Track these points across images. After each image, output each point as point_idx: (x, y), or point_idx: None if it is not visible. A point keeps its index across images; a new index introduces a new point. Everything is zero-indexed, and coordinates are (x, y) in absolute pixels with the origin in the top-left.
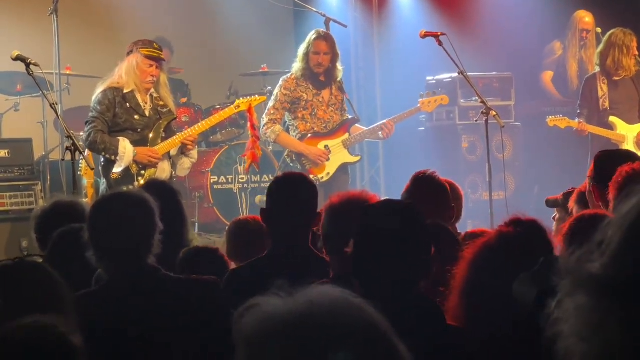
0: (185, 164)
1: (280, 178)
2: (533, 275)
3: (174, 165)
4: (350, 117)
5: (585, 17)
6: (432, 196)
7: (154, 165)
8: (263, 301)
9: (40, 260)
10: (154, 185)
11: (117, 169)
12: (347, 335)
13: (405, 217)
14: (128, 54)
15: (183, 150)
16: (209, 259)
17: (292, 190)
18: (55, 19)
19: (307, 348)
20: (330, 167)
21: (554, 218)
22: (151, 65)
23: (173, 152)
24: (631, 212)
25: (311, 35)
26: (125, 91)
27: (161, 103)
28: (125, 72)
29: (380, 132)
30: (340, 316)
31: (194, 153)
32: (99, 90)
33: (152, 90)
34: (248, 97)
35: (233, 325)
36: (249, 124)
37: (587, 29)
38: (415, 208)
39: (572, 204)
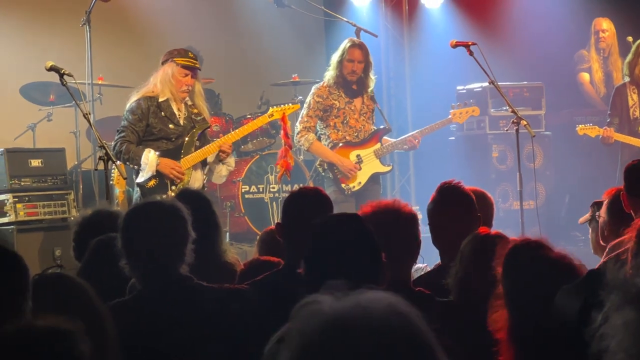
0: (222, 172)
1: (295, 192)
2: (577, 287)
3: (210, 173)
4: (381, 126)
5: (602, 22)
6: (457, 206)
7: (179, 179)
8: (320, 298)
9: (59, 271)
10: (188, 195)
11: (140, 179)
12: (393, 342)
13: (350, 227)
14: (163, 63)
15: (220, 158)
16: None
17: (306, 204)
18: (87, 29)
19: (353, 348)
20: (362, 177)
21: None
22: (186, 75)
23: (210, 159)
24: None
25: (346, 43)
26: (160, 100)
27: (195, 111)
28: (160, 81)
29: (405, 145)
30: (388, 321)
31: (231, 160)
32: (133, 98)
33: (187, 98)
34: (282, 106)
35: (290, 318)
36: (282, 132)
37: (603, 29)
38: (359, 217)
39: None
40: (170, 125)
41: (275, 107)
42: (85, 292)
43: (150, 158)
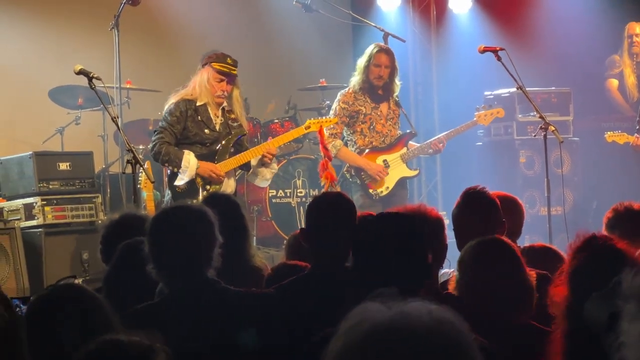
0: (267, 175)
1: (318, 197)
2: (605, 295)
3: (253, 176)
4: (407, 131)
5: (635, 25)
6: (482, 211)
7: (217, 181)
8: (369, 306)
9: (76, 281)
10: (217, 198)
11: (178, 182)
12: (437, 352)
13: (399, 225)
14: (203, 66)
15: (263, 162)
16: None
17: (330, 209)
18: (116, 33)
19: (396, 357)
20: (390, 182)
21: None
22: (222, 80)
23: (254, 162)
24: None
25: (372, 48)
26: (198, 104)
27: (233, 117)
28: (198, 85)
29: (429, 150)
30: (433, 332)
31: (274, 164)
32: (172, 100)
33: (225, 104)
34: (319, 118)
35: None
36: (320, 146)
37: (636, 33)
38: (410, 217)
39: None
40: (206, 130)
41: (312, 119)
42: (99, 303)
43: (191, 162)
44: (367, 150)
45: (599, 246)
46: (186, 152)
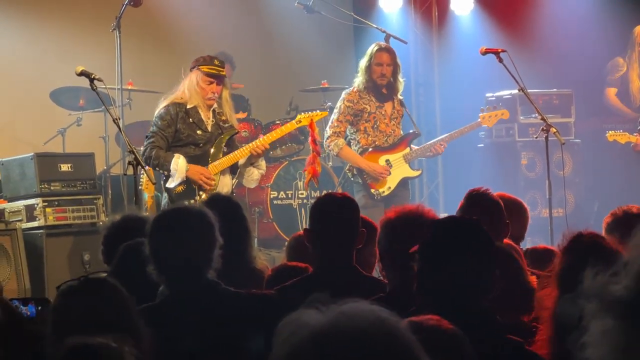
0: (254, 175)
1: (322, 198)
2: (575, 296)
3: (241, 176)
4: (411, 131)
5: None
6: (485, 213)
7: (207, 184)
8: (303, 312)
9: (104, 275)
10: (219, 200)
11: (169, 185)
12: (376, 353)
13: (471, 232)
14: (191, 70)
15: (251, 161)
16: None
17: (334, 210)
18: (117, 35)
19: (341, 358)
20: (392, 182)
21: None
22: (211, 83)
23: (241, 162)
24: None
25: (372, 48)
26: (188, 106)
27: (223, 118)
28: (187, 89)
29: (429, 152)
30: (368, 333)
31: (262, 164)
32: (161, 105)
33: (215, 105)
34: (310, 112)
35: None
36: (310, 139)
37: None
38: (481, 224)
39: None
40: (198, 132)
41: (303, 113)
42: (124, 297)
43: (179, 164)
44: (370, 150)
45: (585, 245)
46: (175, 155)
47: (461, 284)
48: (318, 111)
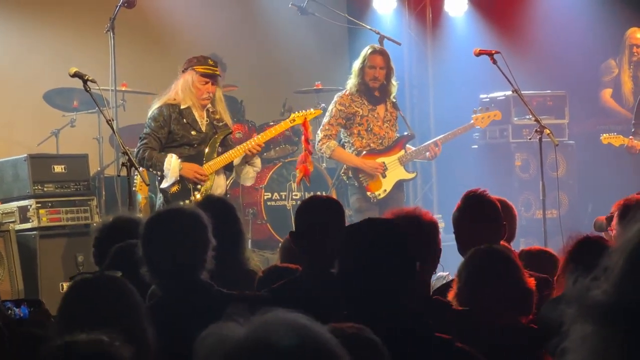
0: (249, 173)
1: (306, 201)
2: (560, 301)
3: (237, 175)
4: (405, 133)
5: (637, 33)
6: (483, 214)
7: (201, 182)
8: (222, 326)
9: (120, 275)
10: (212, 201)
11: (163, 185)
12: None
13: (386, 232)
14: (183, 71)
15: (247, 160)
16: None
17: (319, 212)
18: (111, 36)
19: None
20: (387, 184)
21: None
22: (206, 82)
23: (236, 161)
24: (632, 239)
25: (366, 50)
26: (182, 107)
27: (217, 117)
28: (181, 90)
29: (427, 153)
30: (292, 341)
31: (257, 162)
32: (154, 106)
33: (209, 105)
34: (303, 111)
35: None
36: (303, 137)
37: (638, 44)
38: (396, 223)
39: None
40: (193, 132)
41: (297, 112)
42: (135, 297)
43: (172, 163)
44: (364, 152)
45: (592, 248)
46: (169, 155)
47: (380, 288)
48: (312, 110)
